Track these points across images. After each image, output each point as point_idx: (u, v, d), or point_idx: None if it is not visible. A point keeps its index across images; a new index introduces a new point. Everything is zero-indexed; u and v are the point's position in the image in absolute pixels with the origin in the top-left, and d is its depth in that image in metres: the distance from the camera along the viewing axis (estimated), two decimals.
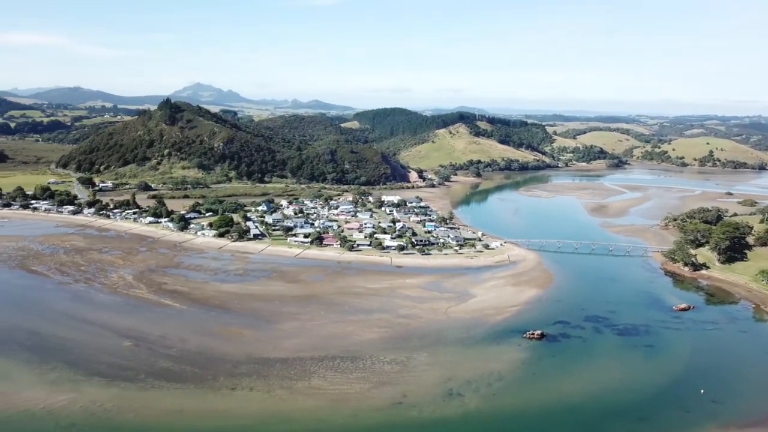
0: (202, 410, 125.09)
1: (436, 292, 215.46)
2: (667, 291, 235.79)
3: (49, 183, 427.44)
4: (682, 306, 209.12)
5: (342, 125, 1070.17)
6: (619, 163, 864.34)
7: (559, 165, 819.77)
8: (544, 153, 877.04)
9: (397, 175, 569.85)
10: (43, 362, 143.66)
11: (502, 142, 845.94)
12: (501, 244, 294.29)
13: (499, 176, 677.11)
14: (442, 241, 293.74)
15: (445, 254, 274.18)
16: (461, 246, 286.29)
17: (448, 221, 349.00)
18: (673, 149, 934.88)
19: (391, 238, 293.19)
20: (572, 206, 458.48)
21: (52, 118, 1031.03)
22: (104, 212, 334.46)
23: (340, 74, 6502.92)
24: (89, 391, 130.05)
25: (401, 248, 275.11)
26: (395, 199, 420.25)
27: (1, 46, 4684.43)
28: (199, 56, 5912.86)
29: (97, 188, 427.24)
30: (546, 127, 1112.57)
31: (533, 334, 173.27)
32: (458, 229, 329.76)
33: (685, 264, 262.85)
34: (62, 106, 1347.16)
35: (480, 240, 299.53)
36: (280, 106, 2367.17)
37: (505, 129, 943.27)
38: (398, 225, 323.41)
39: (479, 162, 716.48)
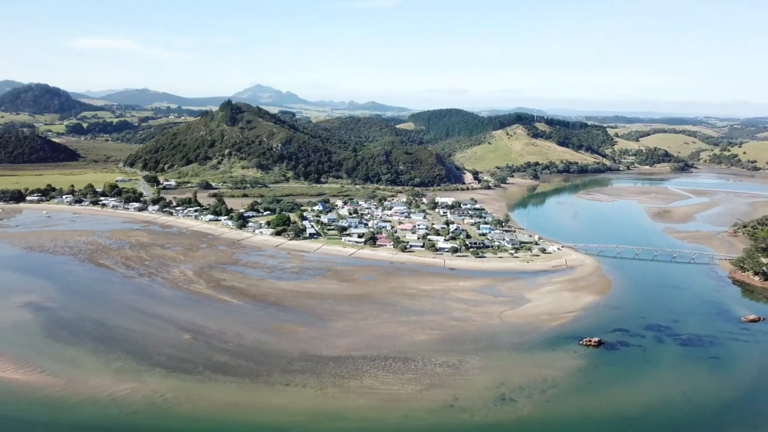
0: (257, 404, 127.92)
1: (490, 295, 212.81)
2: (735, 301, 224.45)
3: (117, 181, 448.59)
4: (752, 317, 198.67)
5: (397, 126, 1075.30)
6: (684, 166, 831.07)
7: (621, 168, 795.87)
8: (604, 155, 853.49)
9: (452, 176, 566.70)
10: (108, 352, 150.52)
11: (560, 144, 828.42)
12: (558, 249, 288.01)
13: (557, 179, 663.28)
14: (497, 244, 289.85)
15: (500, 257, 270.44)
16: (517, 249, 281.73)
17: (503, 224, 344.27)
18: (744, 152, 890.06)
19: (445, 239, 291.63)
20: (633, 210, 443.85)
21: (121, 118, 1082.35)
22: (167, 209, 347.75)
23: (396, 75, 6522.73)
24: (150, 381, 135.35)
25: (455, 250, 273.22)
26: (449, 200, 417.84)
27: (76, 50, 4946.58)
28: (259, 59, 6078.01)
29: (161, 186, 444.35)
30: (607, 128, 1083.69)
31: (590, 341, 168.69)
32: (514, 232, 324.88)
33: (756, 273, 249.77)
34: (130, 107, 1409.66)
35: (536, 244, 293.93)
36: (337, 108, 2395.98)
37: (564, 131, 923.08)
38: (452, 227, 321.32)
39: (537, 164, 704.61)
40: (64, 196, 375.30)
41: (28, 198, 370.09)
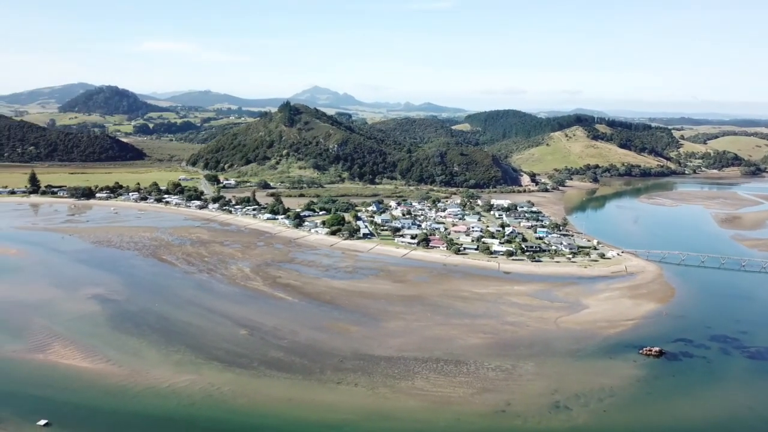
0: (309, 401, 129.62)
1: (546, 300, 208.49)
2: None
3: (179, 179, 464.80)
4: None
5: (453, 127, 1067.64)
6: (756, 170, 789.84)
7: (686, 172, 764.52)
8: (669, 159, 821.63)
9: (508, 178, 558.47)
10: (169, 344, 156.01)
11: (622, 146, 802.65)
12: (618, 254, 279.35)
13: (618, 182, 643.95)
14: (554, 248, 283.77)
15: (557, 262, 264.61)
16: (574, 254, 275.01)
17: (561, 228, 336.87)
18: None
19: (500, 242, 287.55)
20: (699, 216, 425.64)
21: (185, 119, 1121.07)
22: (227, 208, 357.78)
23: (453, 77, 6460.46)
24: (208, 374, 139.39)
25: (510, 254, 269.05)
26: (505, 203, 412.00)
27: (144, 54, 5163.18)
28: (317, 61, 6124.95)
29: (221, 185, 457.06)
30: (672, 131, 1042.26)
31: (650, 350, 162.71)
32: (572, 236, 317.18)
33: None
34: (193, 108, 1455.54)
35: (595, 248, 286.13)
36: (393, 109, 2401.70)
37: (626, 132, 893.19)
38: (507, 230, 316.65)
39: (597, 167, 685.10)
40: (130, 194, 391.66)
41: (97, 195, 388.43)
